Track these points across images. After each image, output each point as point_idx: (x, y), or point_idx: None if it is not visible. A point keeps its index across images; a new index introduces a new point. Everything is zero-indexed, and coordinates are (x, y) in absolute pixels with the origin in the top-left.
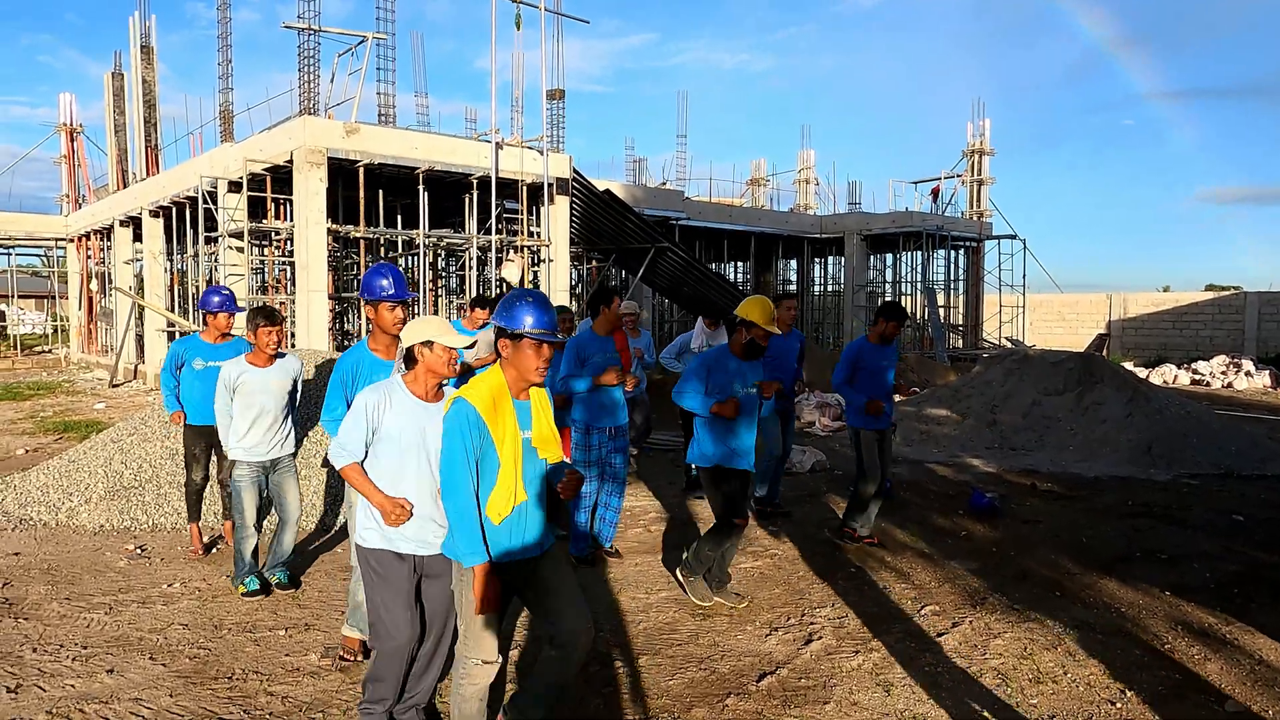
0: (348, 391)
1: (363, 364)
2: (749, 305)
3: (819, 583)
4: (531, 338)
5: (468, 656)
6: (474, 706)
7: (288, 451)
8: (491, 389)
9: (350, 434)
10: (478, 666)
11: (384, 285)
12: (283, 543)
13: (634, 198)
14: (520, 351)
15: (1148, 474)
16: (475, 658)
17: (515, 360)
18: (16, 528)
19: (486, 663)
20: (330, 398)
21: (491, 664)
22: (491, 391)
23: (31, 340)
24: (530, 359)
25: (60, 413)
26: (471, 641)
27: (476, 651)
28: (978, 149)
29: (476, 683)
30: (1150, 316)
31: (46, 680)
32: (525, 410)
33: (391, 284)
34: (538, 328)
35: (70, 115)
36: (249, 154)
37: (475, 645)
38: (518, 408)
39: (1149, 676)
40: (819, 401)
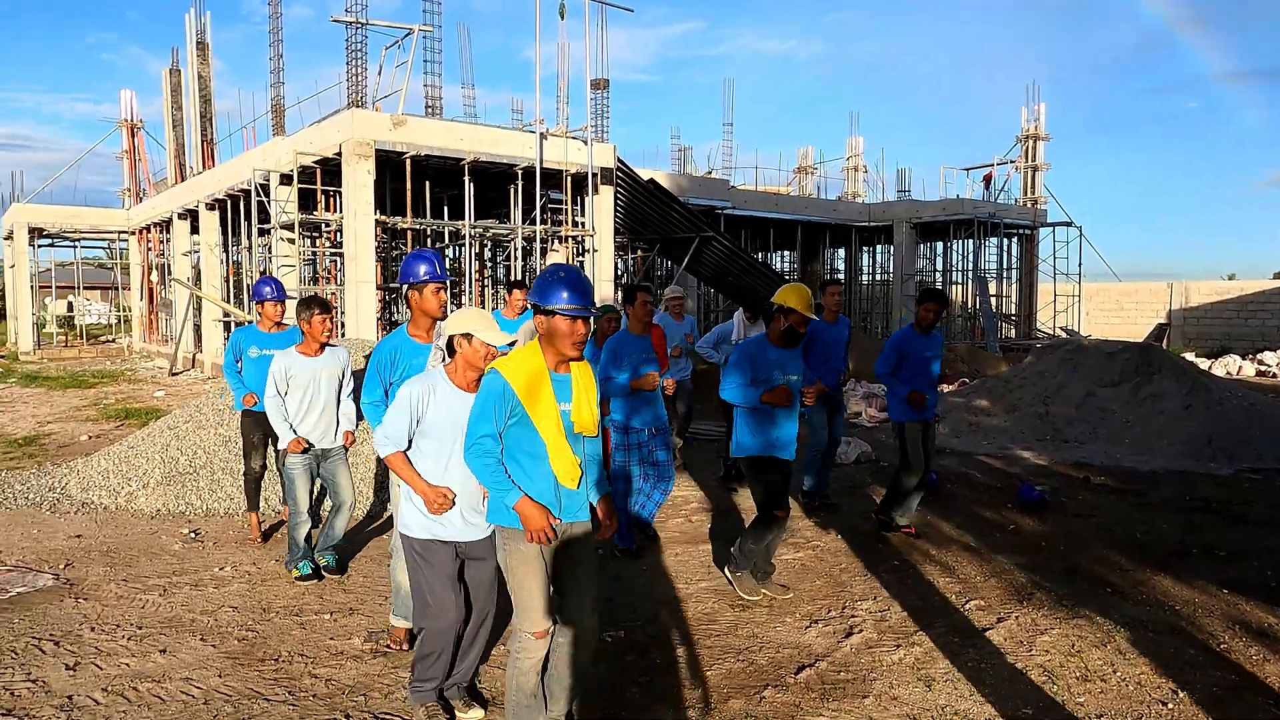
0: (385, 376)
1: (401, 349)
2: (786, 292)
3: (861, 575)
4: (564, 314)
5: (520, 629)
6: (530, 680)
7: (339, 442)
8: (528, 363)
9: (394, 424)
10: (530, 640)
11: (425, 269)
12: (335, 527)
13: (679, 187)
14: (555, 327)
15: (1207, 468)
16: (526, 630)
17: (550, 336)
18: (79, 511)
19: (537, 634)
20: (368, 382)
21: (543, 633)
22: (527, 365)
23: (97, 330)
24: (564, 335)
25: (122, 400)
26: (521, 613)
27: (526, 623)
28: (1032, 134)
29: (531, 655)
30: (1214, 306)
31: (103, 659)
32: (565, 383)
33: (433, 267)
34: (571, 304)
35: (131, 111)
36: (299, 147)
37: (524, 616)
38: (557, 381)
39: (1203, 676)
40: (865, 392)
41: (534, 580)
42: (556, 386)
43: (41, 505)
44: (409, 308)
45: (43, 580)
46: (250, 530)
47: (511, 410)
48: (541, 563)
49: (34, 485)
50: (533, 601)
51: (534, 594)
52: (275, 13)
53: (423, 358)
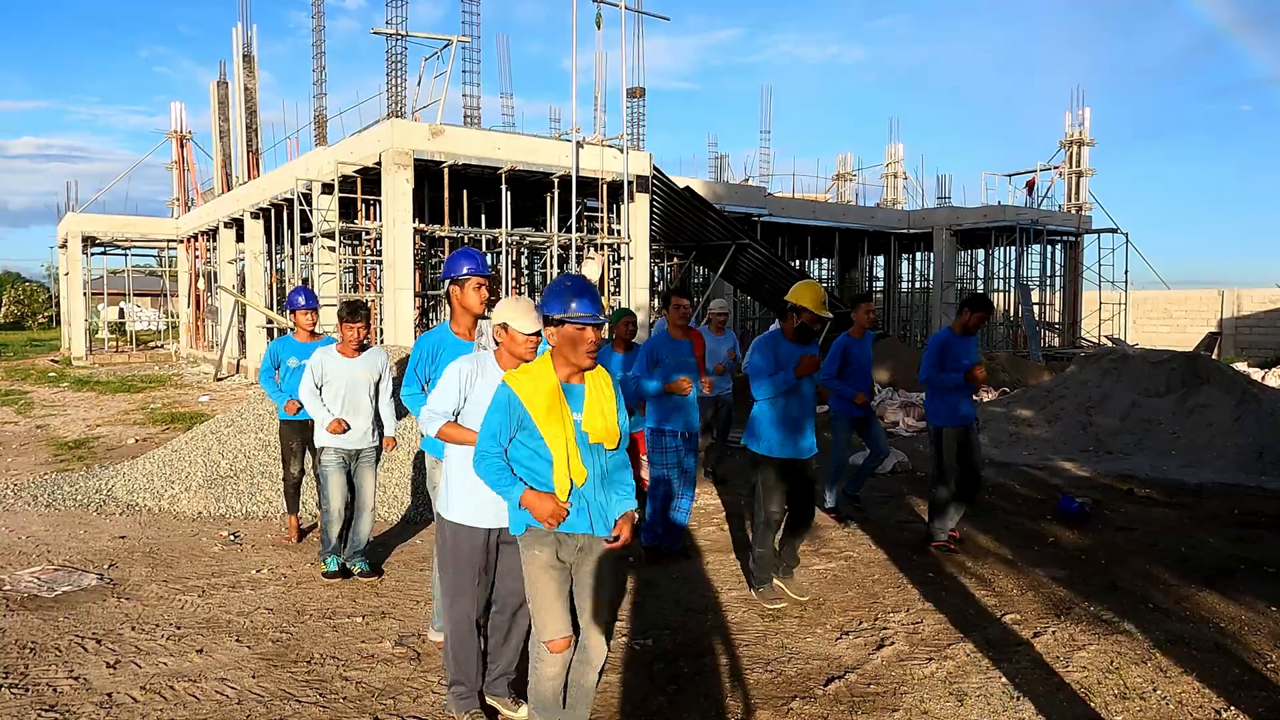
0: (424, 371)
1: (444, 345)
2: (800, 290)
3: (894, 587)
4: (573, 322)
5: (539, 640)
6: (547, 690)
7: (372, 444)
8: (539, 374)
9: (441, 400)
10: (545, 650)
11: (468, 266)
12: (359, 531)
13: (715, 194)
14: (564, 337)
15: (1258, 481)
16: (543, 638)
17: (561, 346)
18: (124, 513)
19: (553, 645)
20: (408, 375)
21: (561, 641)
22: (537, 376)
23: (147, 336)
24: (576, 342)
25: (168, 405)
26: (538, 624)
27: (544, 633)
28: (1076, 139)
29: (549, 666)
30: (1268, 314)
31: (142, 658)
32: (578, 394)
33: (475, 264)
34: (579, 312)
35: (180, 123)
36: (340, 157)
37: (541, 627)
38: (570, 391)
39: (1248, 697)
40: (903, 401)
41: (551, 590)
42: (570, 398)
43: (89, 507)
44: (450, 305)
45: (88, 580)
46: (289, 531)
47: (519, 422)
48: (559, 574)
49: (82, 487)
50: (550, 612)
51: (551, 604)
52: (319, 26)
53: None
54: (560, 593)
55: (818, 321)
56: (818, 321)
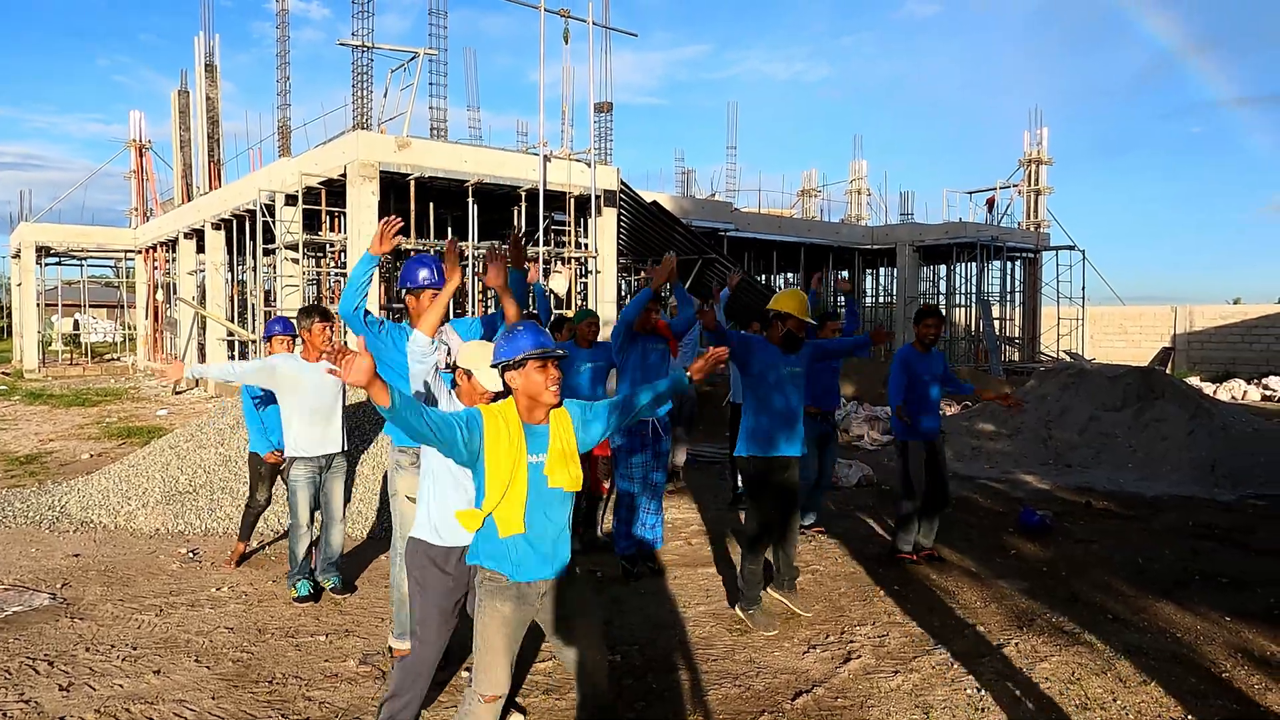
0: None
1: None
2: (783, 298)
3: (860, 600)
4: (534, 358)
5: (474, 690)
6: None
7: (338, 449)
8: (503, 414)
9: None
10: (480, 704)
11: (425, 276)
12: (331, 543)
13: (682, 209)
14: (527, 377)
15: (1211, 494)
16: (479, 691)
17: (525, 387)
18: (78, 530)
19: (488, 698)
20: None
21: (496, 699)
22: (502, 415)
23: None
24: (538, 381)
25: (125, 418)
26: (479, 672)
27: (482, 684)
28: (1035, 158)
29: (481, 718)
30: (1218, 329)
31: (96, 679)
32: (541, 434)
33: (432, 274)
34: (536, 348)
35: (140, 132)
36: (305, 168)
37: (481, 677)
38: (531, 432)
39: (1205, 706)
40: (868, 415)
41: (501, 646)
42: (531, 439)
43: (41, 524)
44: (408, 312)
45: (39, 599)
46: (231, 555)
47: (475, 437)
48: (514, 631)
49: (34, 504)
50: (496, 667)
51: (497, 656)
52: (283, 36)
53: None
54: (510, 650)
55: (803, 328)
56: (803, 328)
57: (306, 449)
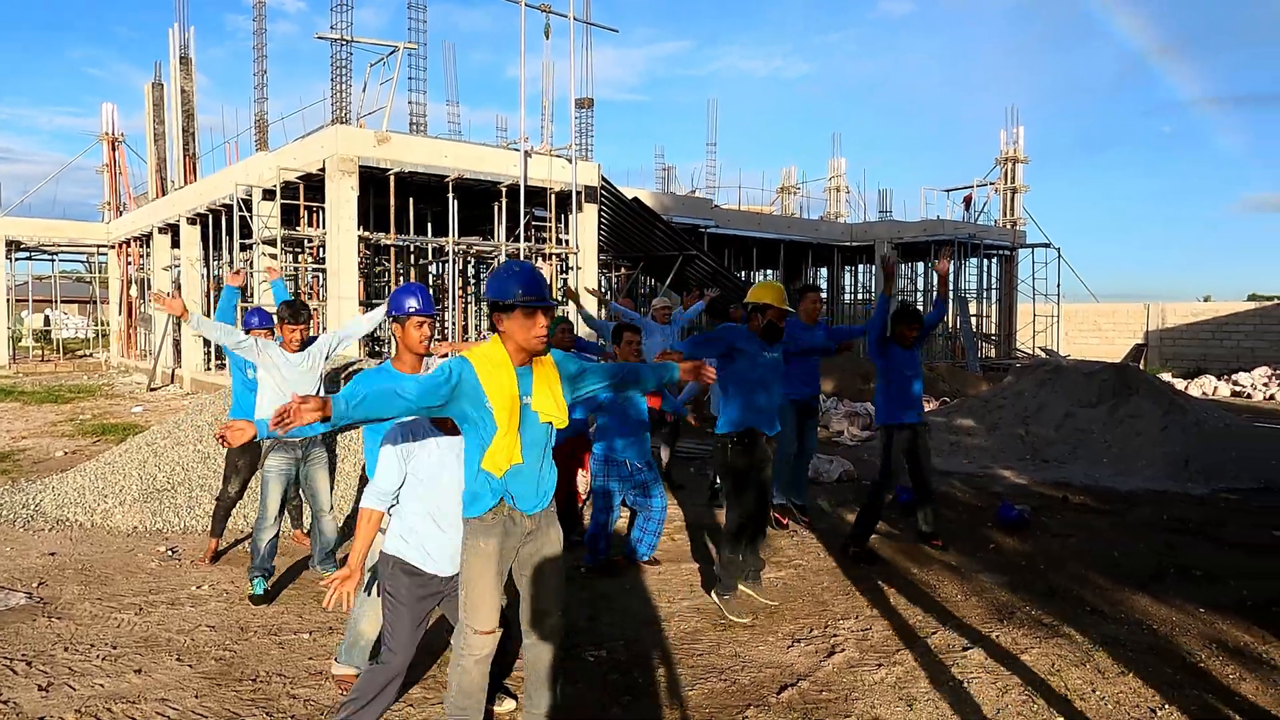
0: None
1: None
2: (759, 290)
3: (843, 594)
4: (523, 305)
5: (466, 625)
6: (472, 678)
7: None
8: (490, 354)
9: (386, 477)
10: (475, 635)
11: (412, 304)
12: (324, 532)
13: (663, 206)
14: (515, 321)
15: (1184, 488)
16: (472, 626)
17: (511, 331)
18: (53, 528)
19: (482, 632)
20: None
21: (488, 634)
22: (490, 355)
23: (74, 344)
24: (525, 327)
25: (99, 415)
26: (470, 610)
27: (474, 620)
28: (1011, 156)
29: (475, 653)
30: (1189, 327)
31: (76, 679)
32: (526, 376)
33: (419, 302)
34: (527, 295)
35: (112, 125)
36: (283, 162)
37: (473, 613)
38: (519, 374)
39: (1181, 695)
40: (847, 411)
41: (488, 578)
42: (520, 379)
43: (15, 522)
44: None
45: (15, 599)
46: (205, 553)
47: (468, 390)
48: (500, 566)
49: (7, 502)
50: (483, 598)
51: (486, 592)
52: (260, 29)
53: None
54: (498, 585)
55: (783, 317)
56: (783, 317)
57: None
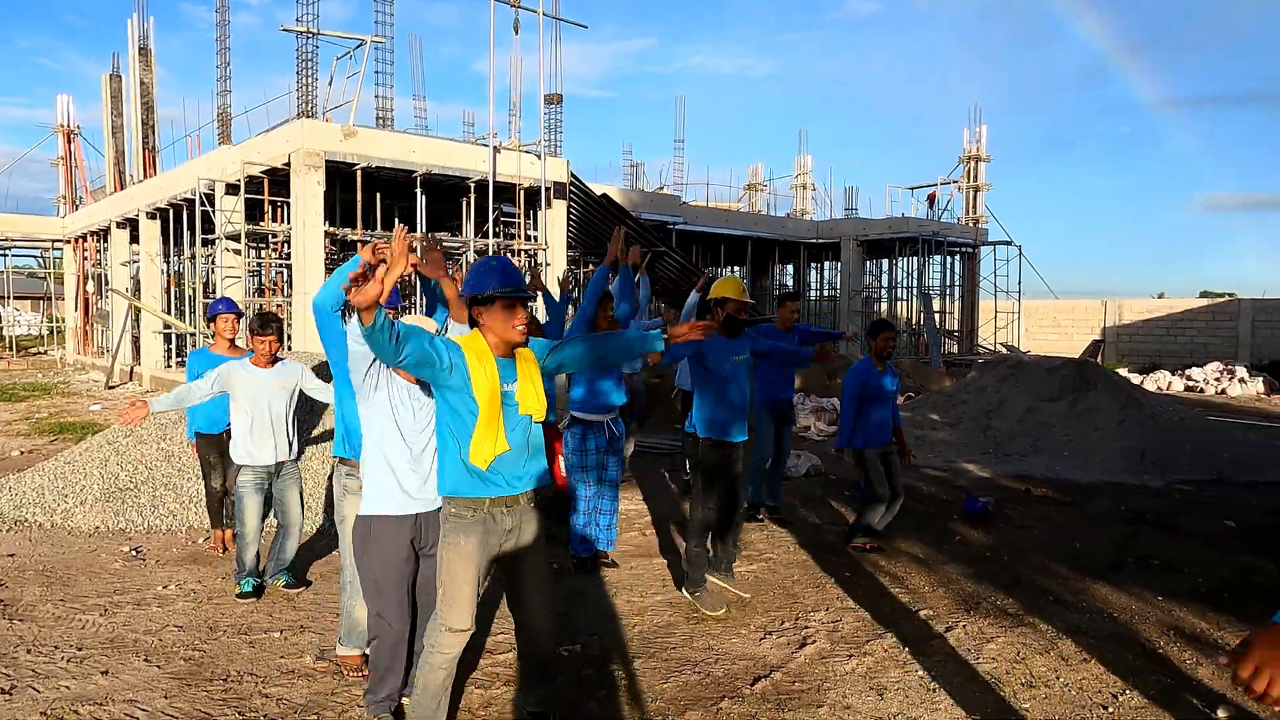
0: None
1: None
2: (718, 286)
3: (814, 587)
4: (501, 296)
5: (440, 623)
6: (439, 677)
7: (290, 456)
8: (472, 343)
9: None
10: (449, 633)
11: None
12: (285, 550)
13: (631, 202)
14: (493, 314)
15: (1141, 480)
16: (446, 624)
17: (491, 324)
18: (11, 529)
19: (456, 630)
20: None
21: (462, 632)
22: (472, 345)
23: (27, 341)
24: (504, 319)
25: (55, 414)
26: (446, 606)
27: (449, 617)
28: (974, 155)
29: (445, 652)
30: (1145, 323)
31: (41, 681)
32: (509, 366)
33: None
34: (504, 287)
35: (68, 117)
36: (247, 156)
37: (449, 609)
38: (500, 363)
39: (1142, 681)
40: (814, 406)
41: (466, 576)
42: (501, 368)
43: None
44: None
45: None
46: (214, 543)
47: (454, 369)
48: (479, 566)
49: None
50: (460, 596)
51: (463, 589)
52: (223, 20)
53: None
54: (475, 585)
55: (742, 309)
56: (742, 309)
57: (255, 456)
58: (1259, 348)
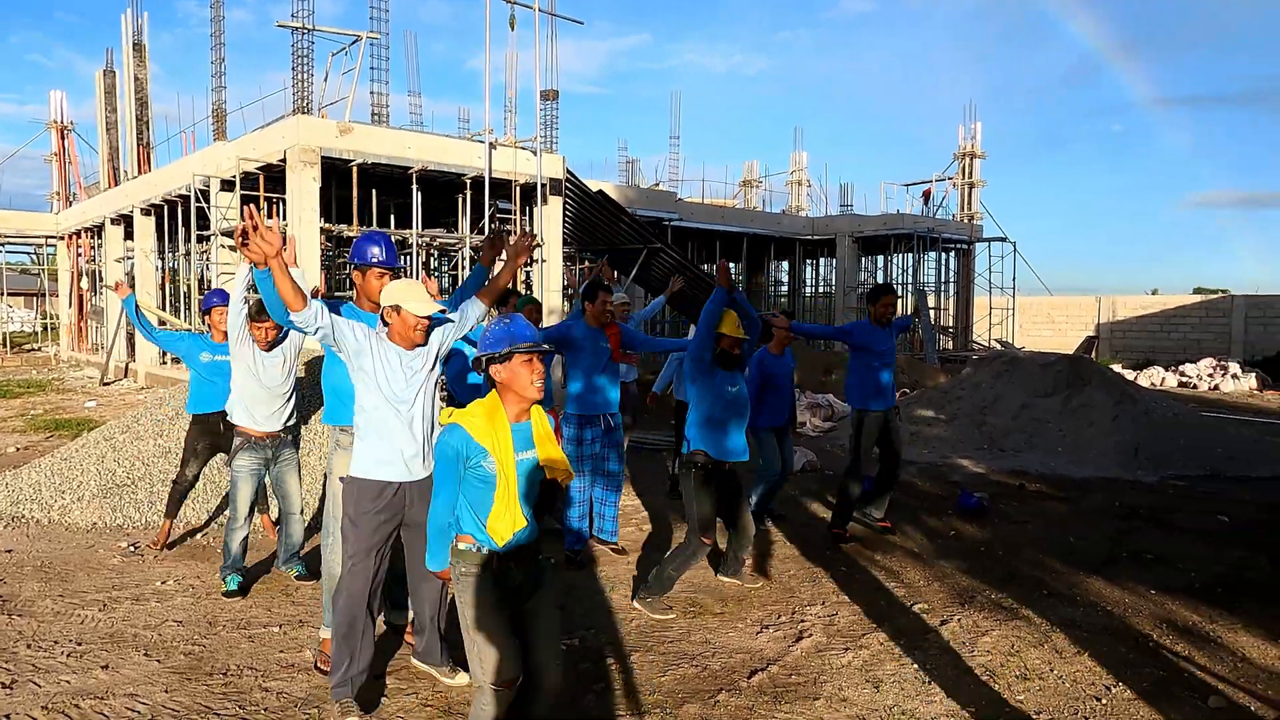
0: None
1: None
2: None
3: (810, 581)
4: (521, 352)
5: (484, 682)
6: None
7: (283, 424)
8: (487, 412)
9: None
10: (492, 693)
11: (375, 253)
12: (291, 534)
13: (627, 198)
14: (513, 371)
15: (1135, 475)
16: (489, 680)
17: (510, 381)
18: (9, 525)
19: (502, 684)
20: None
21: (510, 682)
22: (487, 413)
23: (20, 338)
24: (524, 375)
25: (50, 411)
26: (476, 663)
27: (491, 674)
28: (969, 152)
29: (492, 710)
30: (1138, 319)
31: (41, 676)
32: (525, 431)
33: (382, 252)
34: (523, 341)
35: (61, 113)
36: (242, 153)
37: (481, 666)
38: (516, 430)
39: (1134, 673)
40: (809, 402)
41: (502, 630)
42: (517, 436)
43: None
44: (356, 287)
45: None
46: (159, 536)
47: (473, 454)
48: (499, 611)
49: None
50: (493, 650)
51: (496, 639)
52: (217, 15)
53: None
54: (507, 632)
55: (737, 345)
56: (737, 345)
57: (256, 422)
58: (1252, 344)
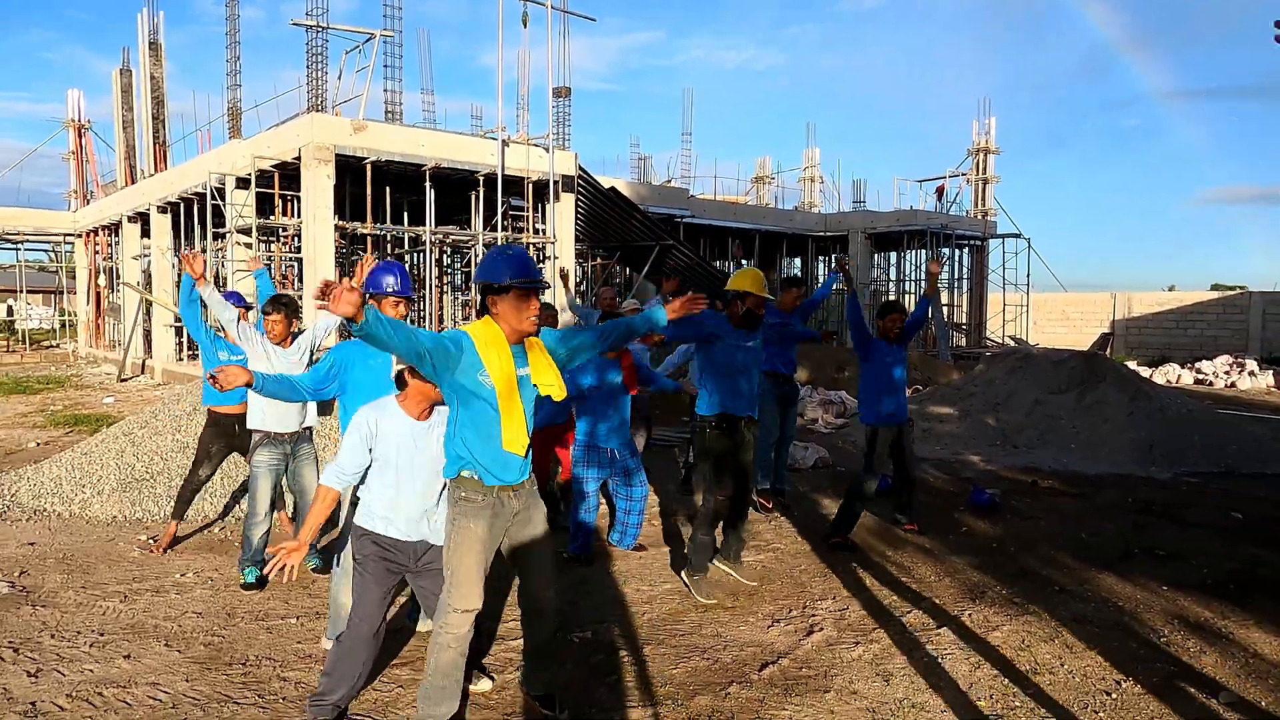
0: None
1: (355, 355)
2: (739, 277)
3: (821, 576)
4: (518, 287)
5: (449, 605)
6: (448, 656)
7: (306, 423)
8: (484, 332)
9: (350, 457)
10: (456, 614)
11: (390, 282)
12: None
13: (639, 195)
14: (508, 304)
15: (1149, 472)
16: (455, 606)
17: (505, 314)
18: (31, 519)
19: (463, 610)
20: (315, 370)
21: (469, 612)
22: (484, 334)
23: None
24: (519, 309)
25: (69, 406)
26: (454, 588)
27: (457, 598)
28: (983, 147)
29: (454, 630)
30: (1154, 316)
31: (65, 665)
32: (520, 351)
33: (397, 281)
34: (520, 277)
35: (78, 111)
36: (257, 150)
37: (456, 591)
38: (515, 351)
39: (1145, 668)
40: (822, 399)
41: (474, 559)
42: (516, 355)
43: None
44: None
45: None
46: (163, 536)
47: (468, 363)
48: (487, 550)
49: None
50: (468, 578)
51: (471, 571)
52: (232, 14)
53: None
54: (483, 568)
55: (762, 305)
56: (762, 305)
57: (272, 424)
58: (1269, 341)
